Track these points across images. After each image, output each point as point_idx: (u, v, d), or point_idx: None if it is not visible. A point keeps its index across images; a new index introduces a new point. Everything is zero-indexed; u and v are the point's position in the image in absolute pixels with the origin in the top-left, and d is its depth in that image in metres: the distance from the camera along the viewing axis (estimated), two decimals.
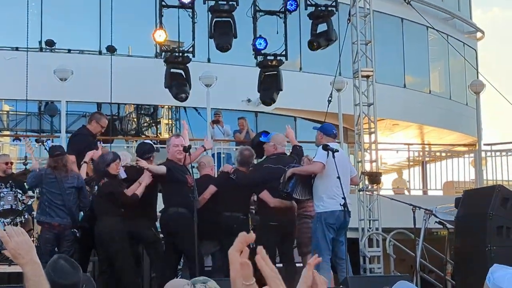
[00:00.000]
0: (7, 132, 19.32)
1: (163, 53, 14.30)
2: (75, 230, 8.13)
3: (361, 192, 12.29)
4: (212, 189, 8.78)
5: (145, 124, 21.01)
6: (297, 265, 8.87)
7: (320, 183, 8.27)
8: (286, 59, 13.36)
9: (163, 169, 8.24)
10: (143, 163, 8.17)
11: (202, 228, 7.92)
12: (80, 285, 3.44)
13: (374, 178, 12.56)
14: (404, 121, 22.61)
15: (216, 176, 10.44)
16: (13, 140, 18.37)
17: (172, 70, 12.71)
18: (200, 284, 3.18)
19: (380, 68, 15.01)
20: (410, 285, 3.92)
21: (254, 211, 9.36)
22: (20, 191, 9.30)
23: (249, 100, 18.66)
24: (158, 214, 8.66)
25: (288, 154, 9.33)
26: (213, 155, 14.45)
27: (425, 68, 23.70)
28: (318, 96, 15.47)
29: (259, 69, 13.33)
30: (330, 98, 13.93)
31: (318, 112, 16.54)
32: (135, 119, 20.76)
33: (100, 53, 18.32)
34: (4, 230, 2.72)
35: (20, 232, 2.74)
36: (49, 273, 3.29)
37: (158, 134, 20.70)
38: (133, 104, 20.06)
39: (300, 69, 20.30)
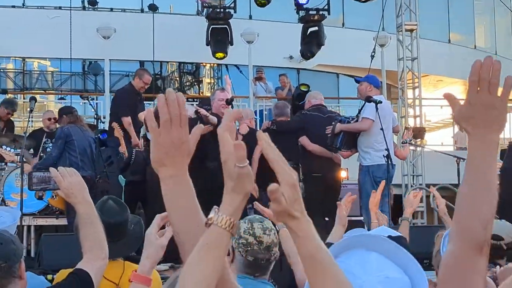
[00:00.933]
0: (53, 91, 19.61)
1: (205, 10, 14.27)
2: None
3: (404, 145, 12.19)
4: (258, 149, 8.78)
5: (187, 83, 21.07)
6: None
7: (366, 136, 8.29)
8: (329, 14, 13.24)
9: (215, 120, 8.30)
10: (203, 111, 8.22)
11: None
12: (128, 225, 3.48)
13: (418, 133, 12.45)
14: (448, 77, 22.25)
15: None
16: (58, 99, 18.64)
17: (213, 27, 12.69)
18: (258, 223, 3.22)
19: (424, 23, 14.77)
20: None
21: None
22: None
23: (291, 57, 18.55)
24: None
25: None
26: (255, 112, 14.48)
27: (470, 22, 23.22)
28: (361, 52, 15.29)
29: (301, 25, 13.23)
30: (373, 54, 13.76)
31: (360, 68, 16.35)
32: (177, 78, 20.84)
33: (142, 11, 18.36)
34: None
35: (73, 172, 2.80)
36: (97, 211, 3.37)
37: (200, 93, 20.75)
38: (175, 62, 20.11)
39: (343, 25, 20.06)
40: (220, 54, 13.21)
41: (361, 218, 8.58)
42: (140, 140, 9.33)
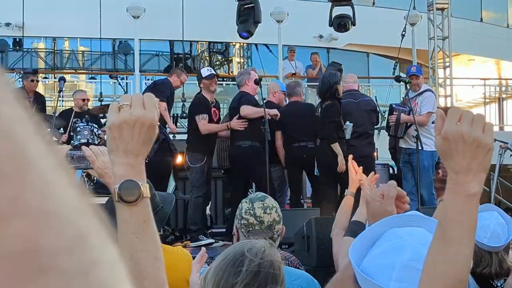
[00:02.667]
0: (83, 71, 19.76)
1: None
2: None
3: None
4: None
5: (217, 63, 21.08)
6: None
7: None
8: None
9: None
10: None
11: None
12: (153, 205, 3.45)
13: None
14: (480, 56, 21.97)
15: None
16: (89, 79, 18.79)
17: (243, 6, 12.63)
18: (259, 202, 3.23)
19: (456, 2, 14.55)
20: (494, 207, 3.83)
21: None
22: (96, 126, 9.51)
23: (321, 36, 18.44)
24: None
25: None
26: (284, 92, 14.43)
27: (503, 1, 22.85)
28: (391, 31, 15.12)
29: (331, 4, 13.11)
30: (403, 33, 13.61)
31: (391, 47, 16.20)
32: (207, 58, 20.85)
33: None
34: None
35: (106, 151, 2.81)
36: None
37: (230, 72, 20.75)
38: (205, 41, 20.11)
39: (373, 3, 19.88)
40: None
41: None
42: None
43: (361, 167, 4.18)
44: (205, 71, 9.00)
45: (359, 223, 3.30)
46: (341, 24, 12.98)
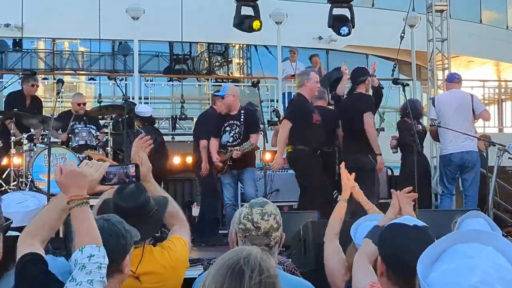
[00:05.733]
0: (83, 72, 19.75)
1: None
2: None
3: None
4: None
5: (216, 63, 21.08)
6: None
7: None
8: None
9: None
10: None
11: None
12: (147, 209, 3.44)
13: None
14: (479, 57, 21.97)
15: None
16: (88, 80, 18.78)
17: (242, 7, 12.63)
18: (258, 208, 3.22)
19: (455, 3, 14.55)
20: (481, 213, 3.85)
21: None
22: (94, 127, 9.52)
23: (320, 38, 18.45)
24: None
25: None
26: (283, 93, 14.45)
27: (502, 2, 22.85)
28: (391, 33, 15.12)
29: (330, 5, 13.11)
30: (402, 35, 13.60)
31: (390, 49, 16.19)
32: (206, 59, 20.85)
33: None
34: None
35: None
36: (114, 196, 3.38)
37: (230, 73, 20.75)
38: (204, 42, 20.11)
39: (373, 5, 19.88)
40: (257, 23, 12.99)
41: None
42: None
43: (353, 174, 4.21)
44: None
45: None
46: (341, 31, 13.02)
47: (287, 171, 9.78)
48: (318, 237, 5.14)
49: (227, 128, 8.48)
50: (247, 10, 13.10)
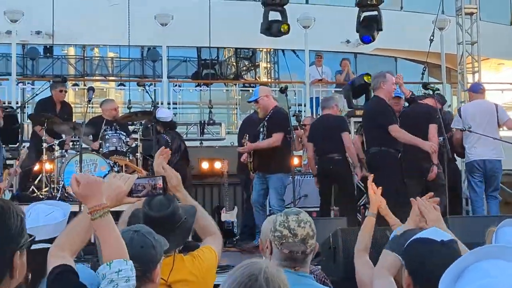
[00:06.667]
0: (112, 78, 19.94)
1: None
2: None
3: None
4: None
5: (244, 68, 21.14)
6: None
7: None
8: None
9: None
10: None
11: None
12: (176, 218, 3.47)
13: None
14: (510, 60, 21.72)
15: None
16: (118, 85, 18.94)
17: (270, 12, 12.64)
18: (293, 215, 3.23)
19: (484, 5, 14.43)
20: None
21: None
22: (124, 133, 9.59)
23: (348, 41, 18.40)
24: None
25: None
26: (311, 98, 14.43)
27: None
28: (420, 36, 15.03)
29: (358, 9, 13.07)
30: (432, 37, 13.51)
31: (419, 52, 16.11)
32: (234, 63, 20.92)
33: None
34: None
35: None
36: (144, 206, 3.41)
37: (257, 78, 20.79)
38: (232, 48, 20.18)
39: (401, 8, 19.78)
40: (284, 26, 13.02)
41: None
42: None
43: (379, 189, 4.20)
44: None
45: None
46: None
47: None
48: (348, 245, 5.13)
49: (261, 130, 8.50)
50: (274, 15, 13.11)
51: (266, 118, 8.41)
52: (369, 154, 8.08)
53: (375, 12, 12.92)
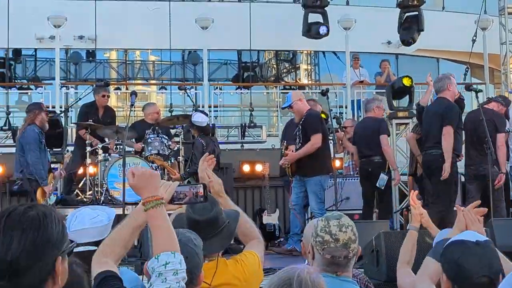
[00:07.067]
0: (154, 81, 20.12)
1: None
2: None
3: None
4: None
5: (284, 70, 21.13)
6: None
7: None
8: None
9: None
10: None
11: None
12: (219, 222, 3.49)
13: None
14: None
15: None
16: (159, 89, 19.10)
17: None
18: (334, 220, 3.22)
19: None
20: None
21: None
22: (166, 137, 9.66)
23: (389, 42, 18.28)
24: None
25: None
26: (352, 101, 14.37)
27: None
28: (462, 36, 14.89)
29: (399, 10, 13.00)
30: (474, 38, 13.37)
31: (462, 52, 15.93)
32: (274, 66, 20.92)
33: (239, 0, 18.52)
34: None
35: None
36: (187, 209, 3.44)
37: (297, 80, 20.77)
38: (272, 50, 20.19)
39: (443, 8, 19.57)
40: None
41: None
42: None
43: (419, 202, 4.18)
44: None
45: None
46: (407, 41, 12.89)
47: (357, 179, 9.74)
48: (391, 248, 5.10)
49: (297, 133, 8.55)
50: (315, 17, 13.12)
51: (301, 122, 8.45)
52: (430, 155, 7.96)
53: (416, 13, 12.84)
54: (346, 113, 14.19)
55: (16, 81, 18.39)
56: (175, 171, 9.24)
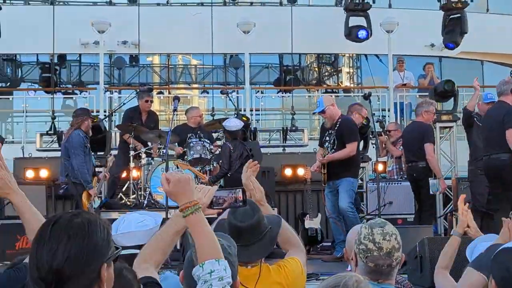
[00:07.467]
0: (196, 85, 20.24)
1: (343, 1, 14.20)
2: None
3: None
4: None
5: (326, 73, 21.06)
6: None
7: None
8: (472, 0, 12.76)
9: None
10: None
11: None
12: (261, 228, 3.48)
13: None
14: None
15: None
16: (201, 93, 19.20)
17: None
18: (378, 228, 3.19)
19: None
20: None
21: None
22: (208, 141, 9.71)
23: (432, 45, 18.09)
24: None
25: None
26: (395, 103, 14.26)
27: None
28: (507, 38, 14.69)
29: (443, 12, 12.86)
30: None
31: (506, 54, 15.73)
32: (316, 69, 20.87)
33: (280, 4, 18.52)
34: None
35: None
36: (229, 216, 3.44)
37: (339, 83, 20.68)
38: (314, 53, 20.15)
39: (487, 10, 19.30)
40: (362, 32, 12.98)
41: None
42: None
43: (469, 210, 4.12)
44: None
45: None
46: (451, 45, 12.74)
47: (400, 183, 9.67)
48: (435, 254, 5.04)
49: (327, 138, 8.52)
50: (358, 20, 13.05)
51: (336, 128, 8.40)
52: (497, 160, 7.81)
53: (460, 15, 12.69)
54: (388, 116, 14.08)
55: (61, 86, 18.67)
56: (204, 175, 9.28)
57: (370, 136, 9.75)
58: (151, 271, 2.68)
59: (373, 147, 9.31)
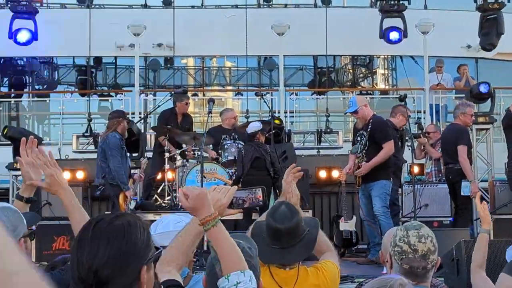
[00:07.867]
0: (230, 87, 20.29)
1: (378, 2, 14.13)
2: None
3: None
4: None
5: (360, 75, 20.96)
6: None
7: None
8: (509, 1, 12.62)
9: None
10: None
11: None
12: (300, 230, 3.49)
13: None
14: None
15: None
16: (235, 95, 19.25)
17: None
18: (413, 231, 3.17)
19: None
20: None
21: None
22: (242, 143, 9.73)
23: (468, 46, 17.89)
24: None
25: None
26: (430, 105, 14.15)
27: None
28: None
29: (479, 13, 12.73)
30: None
31: None
32: (350, 70, 20.77)
33: (315, 5, 18.47)
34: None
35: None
36: (268, 218, 3.45)
37: (374, 85, 20.56)
38: (349, 55, 20.06)
39: None
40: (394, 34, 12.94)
41: None
42: None
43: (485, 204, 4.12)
44: None
45: None
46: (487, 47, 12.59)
47: (436, 185, 9.59)
48: (471, 257, 4.99)
49: (358, 139, 8.48)
50: (394, 21, 12.99)
51: (368, 129, 8.35)
52: None
53: (496, 16, 12.55)
54: (424, 118, 13.97)
55: (97, 88, 18.87)
56: (227, 179, 9.29)
57: (406, 138, 9.68)
58: (174, 274, 2.69)
59: (409, 149, 9.25)
